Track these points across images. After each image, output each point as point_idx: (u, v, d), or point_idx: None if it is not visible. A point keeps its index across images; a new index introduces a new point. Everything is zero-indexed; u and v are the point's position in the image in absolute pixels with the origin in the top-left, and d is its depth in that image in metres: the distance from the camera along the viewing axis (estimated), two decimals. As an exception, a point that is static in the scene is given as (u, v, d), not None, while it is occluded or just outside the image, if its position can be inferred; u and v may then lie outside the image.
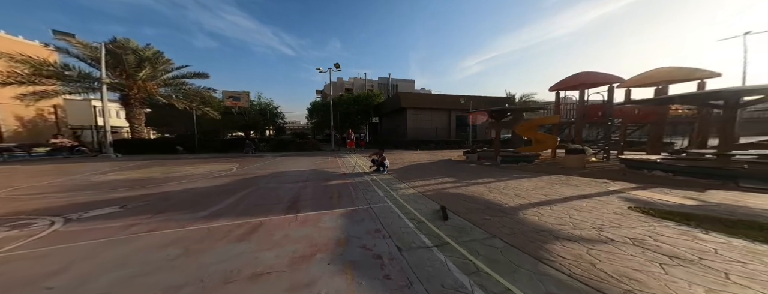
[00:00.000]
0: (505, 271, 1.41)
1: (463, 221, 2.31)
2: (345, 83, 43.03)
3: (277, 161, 8.68)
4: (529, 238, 1.87)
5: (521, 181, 4.26)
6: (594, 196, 3.13)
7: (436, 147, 14.57)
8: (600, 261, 1.47)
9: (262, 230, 2.32)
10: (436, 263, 1.56)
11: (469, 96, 16.83)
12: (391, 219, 2.54)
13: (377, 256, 1.75)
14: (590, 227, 2.02)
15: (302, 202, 3.30)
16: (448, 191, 3.65)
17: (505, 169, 5.82)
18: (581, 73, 7.81)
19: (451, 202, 3.03)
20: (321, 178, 5.12)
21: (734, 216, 2.20)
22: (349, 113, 20.61)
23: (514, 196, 3.18)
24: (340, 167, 6.85)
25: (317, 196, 3.61)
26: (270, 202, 3.40)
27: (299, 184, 4.60)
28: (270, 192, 4.00)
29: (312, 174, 5.76)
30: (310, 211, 2.92)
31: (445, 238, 1.96)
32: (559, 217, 2.33)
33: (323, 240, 2.07)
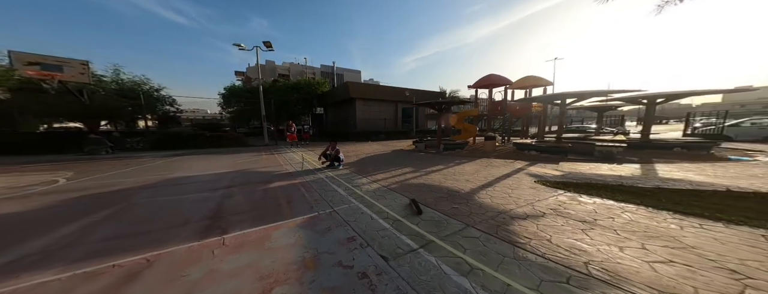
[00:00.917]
0: (495, 263, 1.45)
1: (436, 213, 2.32)
2: (278, 67, 36.12)
3: (168, 164, 6.23)
4: (495, 222, 2.05)
5: (463, 166, 4.89)
6: (512, 174, 3.97)
7: (387, 138, 14.95)
8: (550, 235, 1.76)
9: (154, 273, 1.49)
10: (431, 269, 1.43)
11: (413, 89, 18.27)
12: (363, 222, 2.23)
13: (362, 275, 1.44)
14: (526, 203, 2.48)
15: (230, 218, 2.42)
16: (410, 182, 3.68)
17: (448, 156, 6.56)
18: (490, 75, 9.57)
19: (418, 193, 3.03)
20: (256, 181, 4.04)
21: (585, 180, 3.30)
22: (288, 102, 17.39)
23: (465, 181, 3.57)
24: (281, 165, 5.70)
25: (255, 206, 2.78)
26: (162, 224, 2.30)
27: (219, 192, 3.43)
28: (159, 209, 2.74)
29: (239, 177, 4.46)
30: (248, 227, 2.18)
31: (427, 235, 1.88)
32: (503, 197, 2.75)
33: (279, 265, 1.54)
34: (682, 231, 1.74)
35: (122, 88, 11.67)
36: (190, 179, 4.33)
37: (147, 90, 12.47)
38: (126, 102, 11.26)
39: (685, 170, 3.88)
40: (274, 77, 27.33)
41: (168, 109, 14.15)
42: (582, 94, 6.05)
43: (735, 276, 1.24)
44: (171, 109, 14.32)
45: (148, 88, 12.61)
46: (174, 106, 14.32)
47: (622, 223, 1.92)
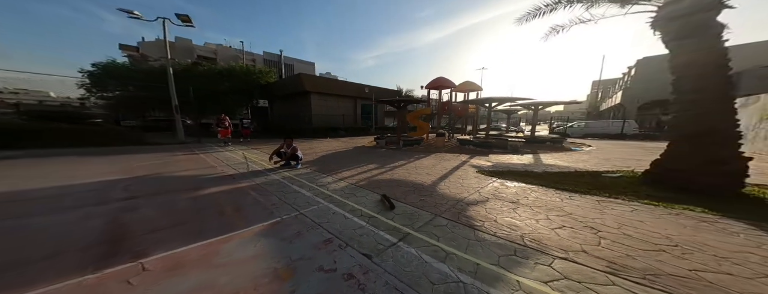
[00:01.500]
0: (464, 246, 1.66)
1: (407, 207, 2.45)
2: (197, 48, 28.09)
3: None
4: (456, 210, 2.35)
5: (422, 161, 5.36)
6: (460, 166, 4.66)
7: (346, 134, 14.45)
8: (495, 217, 2.17)
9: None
10: (413, 260, 1.52)
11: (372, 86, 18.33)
12: (337, 222, 2.12)
13: (348, 276, 1.39)
14: (474, 191, 2.97)
15: (142, 238, 1.83)
16: (378, 178, 3.72)
17: (408, 152, 7.02)
18: (439, 78, 10.71)
19: (387, 188, 3.11)
20: (175, 189, 3.14)
21: (507, 169, 4.26)
22: (216, 91, 13.76)
23: (426, 175, 3.91)
24: (214, 167, 4.61)
25: (180, 219, 2.18)
26: (8, 258, 1.53)
27: (110, 205, 2.50)
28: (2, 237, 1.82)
29: (140, 184, 3.35)
30: (179, 245, 1.70)
31: (403, 228, 1.97)
32: (457, 186, 3.19)
33: (244, 281, 1.32)
34: (562, 202, 2.54)
35: None
36: (44, 192, 2.85)
37: None
38: None
39: (554, 158, 5.65)
40: (191, 59, 20.90)
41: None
42: (500, 99, 7.88)
43: (594, 231, 1.90)
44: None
45: None
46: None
47: (533, 200, 2.62)
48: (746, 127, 2.80)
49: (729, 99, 2.62)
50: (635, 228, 1.91)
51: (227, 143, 8.37)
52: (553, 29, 4.17)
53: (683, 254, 1.55)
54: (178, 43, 25.81)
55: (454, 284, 1.29)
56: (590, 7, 3.56)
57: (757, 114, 5.85)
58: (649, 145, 8.74)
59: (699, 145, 2.66)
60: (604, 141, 10.47)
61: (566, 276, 1.34)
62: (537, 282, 1.29)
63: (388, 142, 8.94)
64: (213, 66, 16.68)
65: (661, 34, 2.89)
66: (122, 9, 8.10)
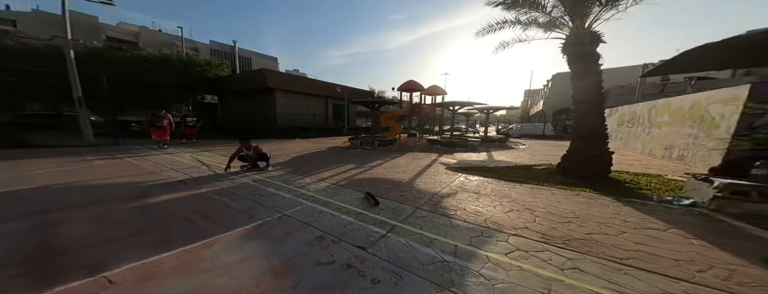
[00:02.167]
0: (443, 232, 1.94)
1: (390, 202, 2.64)
2: (107, 28, 22.11)
3: None
4: (433, 202, 2.67)
5: (398, 160, 5.67)
6: (432, 164, 5.15)
7: (317, 135, 13.75)
8: (464, 206, 2.55)
9: None
10: (403, 247, 1.71)
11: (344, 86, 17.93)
12: (325, 220, 2.16)
13: (347, 266, 1.49)
14: (445, 185, 3.39)
15: (91, 251, 1.56)
16: (358, 177, 3.80)
17: (383, 152, 7.24)
18: (410, 81, 11.36)
19: (368, 186, 3.24)
20: (106, 199, 2.59)
21: (468, 165, 4.92)
22: (143, 83, 11.17)
23: (402, 173, 4.20)
24: (156, 172, 3.91)
25: (137, 229, 1.90)
26: None
27: (19, 222, 1.98)
28: None
29: (53, 195, 2.68)
30: (146, 255, 1.52)
31: (389, 222, 2.14)
32: (431, 182, 3.56)
33: (244, 280, 1.30)
34: (509, 191, 3.17)
35: None
36: None
37: None
38: None
39: (501, 155, 6.83)
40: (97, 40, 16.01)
41: None
42: (461, 103, 9.16)
43: (530, 212, 2.46)
44: None
45: None
46: None
47: (490, 190, 3.18)
48: (610, 130, 4.24)
49: (601, 109, 3.70)
50: (555, 207, 2.57)
51: (164, 145, 6.77)
52: (501, 44, 5.08)
53: (582, 224, 2.12)
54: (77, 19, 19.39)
55: (440, 263, 1.54)
56: (525, 29, 4.42)
57: (616, 121, 8.43)
58: (561, 143, 11.46)
59: (587, 143, 3.69)
60: (533, 140, 13.06)
61: (517, 248, 1.73)
62: (500, 255, 1.64)
63: (363, 143, 9.01)
64: (136, 52, 13.21)
65: (566, 57, 3.82)
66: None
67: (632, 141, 7.30)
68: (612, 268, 1.49)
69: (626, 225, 2.13)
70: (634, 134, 7.21)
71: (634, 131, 7.22)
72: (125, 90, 10.17)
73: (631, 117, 7.53)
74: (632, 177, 3.75)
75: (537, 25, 4.30)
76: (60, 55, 7.38)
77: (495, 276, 1.41)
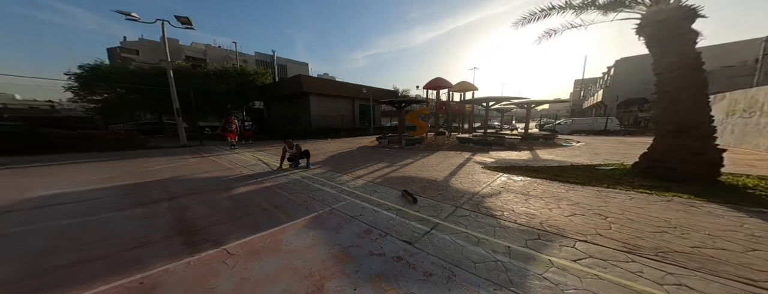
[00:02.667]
0: (491, 233, 1.88)
1: (428, 200, 2.66)
2: (185, 49, 27.20)
3: None
4: (474, 202, 2.58)
5: (428, 159, 5.60)
6: (465, 163, 4.92)
7: (346, 135, 14.41)
8: (511, 207, 2.40)
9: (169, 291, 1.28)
10: (450, 244, 1.73)
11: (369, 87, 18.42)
12: (368, 215, 2.32)
13: (397, 258, 1.60)
14: (485, 185, 3.22)
15: (208, 230, 2.03)
16: (391, 176, 3.91)
17: (411, 151, 7.23)
18: (437, 78, 10.86)
19: (403, 184, 3.31)
20: (208, 189, 3.26)
21: (510, 164, 4.52)
22: (211, 93, 13.45)
23: (435, 171, 4.14)
24: (231, 169, 4.68)
25: (234, 215, 2.35)
26: (106, 249, 1.72)
27: (160, 205, 2.65)
28: (72, 235, 1.97)
29: (174, 186, 3.46)
30: (246, 235, 1.91)
31: (431, 219, 2.17)
32: (468, 181, 3.43)
33: (314, 263, 1.52)
34: (567, 193, 2.82)
35: None
36: (75, 196, 2.90)
37: None
38: None
39: (549, 154, 6.03)
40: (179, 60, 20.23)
41: None
42: (497, 98, 8.26)
43: (603, 217, 2.07)
44: None
45: None
46: None
47: (541, 192, 2.89)
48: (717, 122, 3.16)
49: (704, 97, 2.92)
50: (637, 213, 2.17)
51: (235, 146, 8.20)
52: (546, 33, 4.43)
53: (683, 234, 1.76)
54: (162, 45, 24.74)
55: (493, 262, 1.51)
56: (580, 13, 3.80)
57: (724, 110, 6.41)
58: (630, 140, 9.39)
59: (681, 139, 2.97)
60: (590, 137, 11.06)
61: (590, 255, 1.53)
62: (567, 260, 1.49)
63: (390, 142, 9.13)
64: (206, 68, 16.29)
65: (644, 39, 3.14)
66: (120, 11, 7.84)
67: (752, 136, 5.60)
68: (742, 291, 1.21)
69: (758, 241, 1.69)
70: (755, 127, 5.50)
71: (755, 123, 5.51)
72: (199, 100, 12.66)
73: (748, 105, 5.73)
74: (757, 181, 2.90)
75: (596, 7, 3.64)
76: (162, 74, 9.67)
77: (563, 281, 1.32)
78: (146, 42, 27.22)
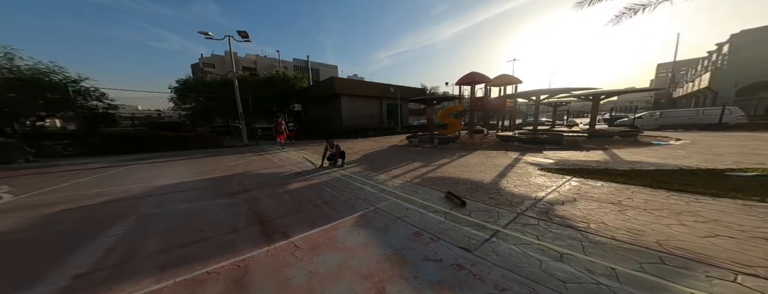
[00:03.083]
0: (578, 248, 1.54)
1: (478, 204, 2.40)
2: (242, 60, 32.17)
3: (137, 170, 5.15)
4: (540, 209, 2.20)
5: (466, 158, 5.13)
6: (514, 163, 4.31)
7: (375, 134, 14.60)
8: (598, 218, 1.92)
9: (258, 277, 1.43)
10: (521, 256, 1.48)
11: (397, 85, 18.32)
12: (414, 217, 2.20)
13: (457, 266, 1.43)
14: (550, 190, 2.72)
15: (278, 221, 2.21)
16: (429, 176, 3.71)
17: (445, 150, 6.80)
18: (472, 72, 9.74)
19: (444, 186, 3.09)
20: (270, 184, 3.62)
21: (578, 166, 3.71)
22: (262, 98, 15.48)
23: (478, 172, 3.75)
24: (282, 166, 5.18)
25: (293, 209, 2.53)
26: (211, 231, 2.05)
27: (238, 196, 3.03)
28: (187, 217, 2.39)
29: (246, 180, 3.95)
30: (306, 229, 2.02)
31: (488, 225, 1.93)
32: (525, 185, 2.97)
33: (371, 264, 1.49)
34: (689, 206, 2.10)
35: (21, 78, 8.43)
36: (187, 185, 3.64)
37: (59, 81, 9.14)
38: (35, 96, 8.29)
39: (635, 154, 4.74)
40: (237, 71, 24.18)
41: (95, 104, 10.49)
42: (553, 90, 6.92)
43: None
44: (99, 105, 10.60)
45: (61, 79, 9.23)
46: (103, 101, 10.57)
47: (642, 202, 2.23)
48: None
49: None
50: None
51: (284, 146, 9.01)
52: (628, 9, 3.43)
53: None
54: (227, 57, 30.12)
55: (594, 285, 1.21)
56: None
57: None
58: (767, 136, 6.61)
59: None
60: (696, 133, 8.39)
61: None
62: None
63: (421, 141, 8.82)
64: (259, 76, 18.98)
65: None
66: (201, 31, 9.88)
67: None
68: None
69: None
70: None
71: None
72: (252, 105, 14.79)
73: None
74: None
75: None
76: (230, 84, 11.65)
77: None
78: (216, 57, 33.62)
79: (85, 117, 10.15)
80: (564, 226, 1.86)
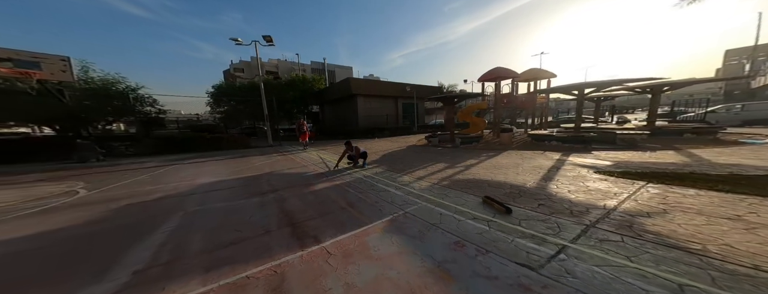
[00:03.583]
0: (698, 275, 1.18)
1: (526, 211, 2.09)
2: (266, 65, 34.36)
3: (181, 169, 5.59)
4: (617, 221, 1.81)
5: (497, 160, 4.69)
6: (559, 165, 3.77)
7: (391, 134, 14.41)
8: (716, 238, 1.52)
9: (294, 285, 1.34)
10: (612, 282, 1.18)
11: (413, 84, 17.94)
12: (449, 223, 1.98)
13: (522, 287, 1.19)
14: (619, 198, 2.27)
15: (307, 224, 2.15)
16: (457, 178, 3.43)
17: (469, 150, 6.36)
18: (497, 68, 9.07)
19: (477, 189, 2.80)
20: (296, 184, 3.65)
21: (649, 170, 3.11)
22: (284, 100, 16.29)
23: (515, 175, 3.36)
24: (305, 166, 5.25)
25: (320, 210, 2.46)
26: (247, 232, 2.06)
27: (268, 196, 3.07)
28: (225, 217, 2.45)
29: (274, 180, 4.04)
30: (336, 234, 1.91)
31: (549, 238, 1.63)
32: (582, 190, 2.53)
33: (411, 277, 1.31)
34: None
35: (93, 88, 9.99)
36: (224, 184, 3.84)
37: (123, 89, 10.70)
38: (101, 103, 9.74)
39: (724, 155, 3.87)
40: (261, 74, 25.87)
41: (149, 110, 12.01)
42: (600, 83, 5.95)
43: None
44: (152, 110, 12.14)
45: (123, 88, 10.79)
46: (155, 107, 12.16)
47: (725, 211, 1.78)
48: None
49: None
50: None
51: (306, 147, 9.14)
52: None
53: None
54: (253, 62, 32.30)
55: None
56: None
57: None
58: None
59: None
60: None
61: None
62: None
63: (441, 141, 8.43)
64: (281, 79, 20.10)
65: None
66: (232, 38, 10.69)
67: None
68: None
69: None
70: None
71: None
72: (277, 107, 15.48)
73: None
74: None
75: None
76: (256, 88, 12.45)
77: None
78: (244, 62, 36.52)
79: (142, 121, 11.73)
80: (666, 246, 1.47)
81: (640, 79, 5.74)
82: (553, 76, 9.42)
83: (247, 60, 36.03)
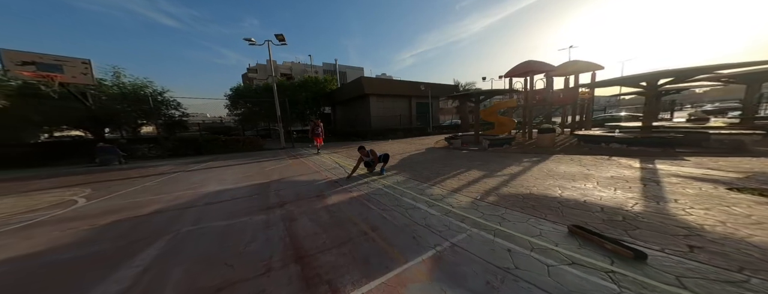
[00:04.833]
0: None
1: (667, 256, 1.37)
2: (280, 67, 35.62)
3: (193, 174, 5.35)
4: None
5: (546, 166, 3.91)
6: (657, 178, 2.90)
7: (405, 135, 13.83)
8: None
9: None
10: None
11: (428, 83, 17.13)
12: (532, 269, 1.34)
13: None
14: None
15: (318, 258, 1.63)
16: (503, 191, 2.74)
17: (501, 153, 5.57)
18: (528, 61, 8.31)
19: (543, 210, 2.13)
20: (306, 195, 3.14)
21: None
22: (296, 102, 16.33)
23: (595, 191, 2.58)
24: (317, 172, 4.81)
25: (336, 237, 1.92)
26: (241, 269, 1.56)
27: (275, 212, 2.59)
28: (219, 242, 1.97)
29: (282, 189, 3.58)
30: (360, 279, 1.38)
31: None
32: (744, 224, 1.75)
33: None
34: None
35: (124, 92, 10.65)
36: (228, 194, 3.45)
37: (151, 93, 11.31)
38: (132, 106, 10.31)
39: None
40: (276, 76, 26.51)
41: (173, 113, 12.69)
42: (678, 72, 4.52)
43: None
44: (176, 113, 12.83)
45: (151, 92, 11.43)
46: (179, 110, 12.85)
47: None
48: None
49: None
50: None
51: (319, 150, 8.44)
52: None
53: None
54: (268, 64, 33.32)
55: None
56: None
57: None
58: None
59: None
60: None
61: None
62: None
63: (464, 142, 7.61)
64: (293, 80, 20.35)
65: None
66: (246, 38, 10.58)
67: None
68: None
69: None
70: None
71: None
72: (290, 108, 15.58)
73: None
74: None
75: None
76: (270, 89, 12.45)
77: None
78: (259, 65, 38.10)
79: (166, 124, 12.19)
80: None
81: (744, 65, 4.21)
82: (599, 68, 8.15)
83: (263, 63, 37.66)
